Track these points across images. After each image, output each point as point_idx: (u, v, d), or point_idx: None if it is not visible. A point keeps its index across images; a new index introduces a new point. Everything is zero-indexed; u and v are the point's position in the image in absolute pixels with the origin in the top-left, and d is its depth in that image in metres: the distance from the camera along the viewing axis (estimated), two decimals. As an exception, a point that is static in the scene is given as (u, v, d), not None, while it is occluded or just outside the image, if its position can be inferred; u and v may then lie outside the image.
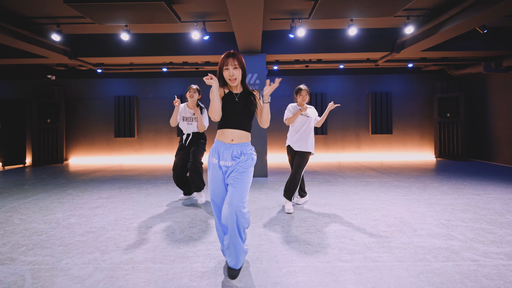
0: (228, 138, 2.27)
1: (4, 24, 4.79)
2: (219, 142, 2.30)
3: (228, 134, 2.27)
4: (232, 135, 2.27)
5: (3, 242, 2.95)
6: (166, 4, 4.07)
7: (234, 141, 2.27)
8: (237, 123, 2.28)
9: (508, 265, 2.35)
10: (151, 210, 4.01)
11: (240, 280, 2.19)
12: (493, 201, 4.21)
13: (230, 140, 2.26)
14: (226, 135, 2.27)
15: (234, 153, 2.25)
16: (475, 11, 4.34)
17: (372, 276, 2.21)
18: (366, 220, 3.47)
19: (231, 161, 2.24)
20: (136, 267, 2.41)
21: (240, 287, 2.10)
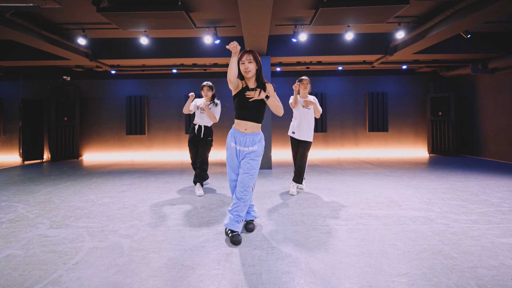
0: (242, 128, 2.73)
1: (38, 29, 5.37)
2: (235, 130, 2.77)
3: (242, 125, 2.73)
4: (246, 125, 2.72)
5: (53, 214, 3.51)
6: (185, 13, 4.66)
7: (247, 130, 2.72)
8: (250, 116, 2.71)
9: (471, 227, 2.92)
10: (171, 193, 4.58)
11: (256, 235, 2.76)
12: (472, 186, 4.78)
13: (244, 129, 2.72)
14: (241, 125, 2.73)
15: (247, 140, 2.71)
16: (456, 19, 4.93)
17: (361, 234, 2.78)
18: (359, 199, 4.04)
19: (244, 147, 2.72)
20: (171, 229, 2.97)
21: (255, 239, 2.66)
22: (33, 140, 8.91)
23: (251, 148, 2.73)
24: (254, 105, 2.71)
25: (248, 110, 2.71)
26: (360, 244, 2.54)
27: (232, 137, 2.78)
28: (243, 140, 2.72)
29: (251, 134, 2.73)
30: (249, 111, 2.72)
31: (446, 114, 9.11)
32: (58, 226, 3.09)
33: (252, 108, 2.71)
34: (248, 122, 2.72)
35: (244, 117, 2.72)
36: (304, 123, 4.40)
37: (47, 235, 2.84)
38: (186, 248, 2.50)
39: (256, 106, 2.73)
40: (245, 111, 2.72)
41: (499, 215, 3.27)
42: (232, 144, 2.77)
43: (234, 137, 2.77)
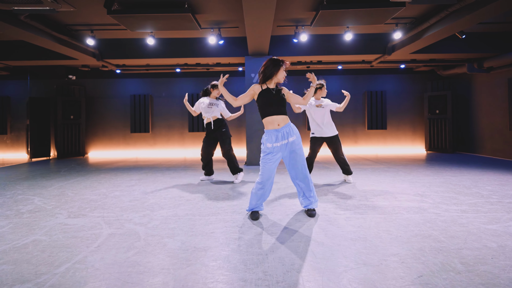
0: (275, 124, 3.01)
1: (49, 30, 5.59)
2: (269, 131, 3.03)
3: (274, 121, 3.01)
4: (277, 120, 3.02)
5: (70, 205, 3.74)
6: (191, 15, 4.88)
7: (281, 124, 3.01)
8: (278, 110, 3.04)
9: (460, 215, 3.14)
10: (179, 186, 4.81)
11: (261, 223, 2.98)
12: (465, 180, 5.01)
13: (277, 125, 3.01)
14: (273, 122, 3.01)
15: (285, 133, 3.00)
16: (450, 20, 5.15)
17: (358, 221, 3.00)
18: (357, 192, 4.27)
19: (285, 140, 3.00)
20: (181, 218, 3.20)
21: (261, 227, 2.89)
22: (40, 138, 9.15)
23: (291, 139, 3.02)
24: (277, 100, 3.06)
25: (275, 106, 3.04)
26: (357, 230, 2.77)
27: (268, 139, 3.02)
28: (281, 135, 3.00)
29: (285, 126, 3.03)
30: (276, 106, 3.05)
31: (443, 112, 9.33)
32: (75, 216, 3.32)
33: (277, 103, 3.06)
34: (278, 116, 3.03)
35: (273, 112, 3.02)
36: (321, 121, 4.76)
37: (67, 223, 3.06)
38: (197, 233, 2.73)
39: (279, 100, 3.08)
40: (272, 107, 3.04)
41: (487, 206, 3.49)
42: (269, 145, 3.00)
43: (272, 136, 3.01)
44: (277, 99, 3.06)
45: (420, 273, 1.97)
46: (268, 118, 3.04)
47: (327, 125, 4.80)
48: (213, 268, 2.08)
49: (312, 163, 4.92)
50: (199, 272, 2.02)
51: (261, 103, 3.10)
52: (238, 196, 4.12)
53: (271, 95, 3.05)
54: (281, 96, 3.11)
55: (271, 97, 3.05)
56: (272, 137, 3.01)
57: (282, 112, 3.07)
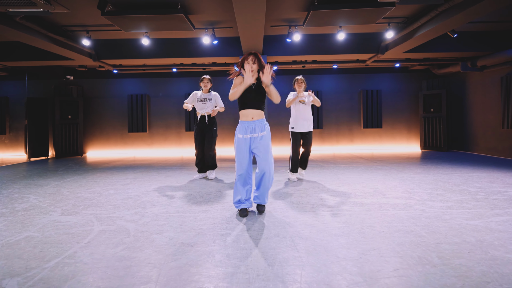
0: (249, 117, 3.09)
1: (45, 31, 5.66)
2: (243, 122, 3.12)
3: (249, 114, 3.10)
4: (252, 114, 3.10)
5: (64, 204, 3.81)
6: (184, 15, 4.94)
7: (254, 118, 3.10)
8: (254, 104, 3.11)
9: (445, 212, 3.21)
10: (172, 185, 4.88)
11: (248, 219, 3.06)
12: (455, 177, 5.08)
13: (251, 118, 3.09)
14: (248, 115, 3.10)
15: (256, 127, 3.08)
16: (440, 20, 5.21)
17: (344, 218, 3.07)
18: (347, 189, 4.34)
19: (255, 133, 3.06)
20: (172, 215, 3.27)
21: (248, 223, 2.97)
22: (39, 137, 9.22)
23: (261, 134, 3.08)
24: (255, 95, 3.13)
25: (251, 100, 3.11)
26: (342, 226, 2.84)
27: (240, 129, 3.12)
28: (252, 127, 3.08)
29: (258, 121, 3.11)
30: (252, 101, 3.12)
31: (438, 110, 9.39)
32: (69, 213, 3.39)
33: (254, 97, 3.13)
34: (253, 110, 3.10)
35: (249, 106, 3.10)
36: (303, 116, 4.89)
37: (60, 220, 3.14)
38: (185, 230, 2.80)
39: (257, 95, 3.14)
40: (249, 101, 3.11)
41: (473, 202, 3.56)
42: (240, 135, 3.10)
43: (244, 127, 3.10)
44: (255, 94, 3.13)
45: (396, 267, 2.04)
46: (244, 111, 3.14)
47: (310, 120, 4.97)
48: (198, 263, 2.16)
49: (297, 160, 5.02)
50: (184, 267, 2.09)
51: (239, 98, 3.17)
52: (230, 194, 4.19)
53: (250, 89, 3.13)
54: (261, 91, 3.17)
55: (249, 92, 3.12)
56: (243, 128, 3.11)
57: (258, 107, 3.14)
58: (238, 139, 3.13)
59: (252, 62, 3.10)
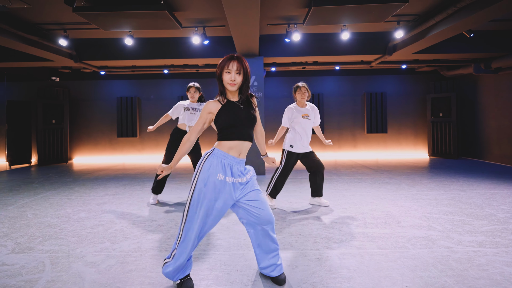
0: (236, 152, 2.05)
1: (14, 30, 5.06)
2: (226, 155, 2.02)
3: (237, 148, 2.05)
4: (241, 148, 2.07)
5: (21, 234, 3.22)
6: (168, 12, 4.34)
7: (241, 156, 2.09)
8: (245, 133, 2.07)
9: (477, 251, 2.62)
10: (154, 205, 4.28)
11: (236, 264, 2.46)
12: (476, 196, 4.48)
13: (238, 154, 2.06)
14: (235, 149, 2.05)
15: (241, 168, 2.09)
16: (459, 18, 4.61)
17: (355, 261, 2.48)
18: (355, 214, 3.74)
19: (243, 177, 2.07)
20: (143, 254, 2.68)
21: (235, 269, 2.37)
22: (20, 143, 8.61)
23: (249, 175, 2.13)
24: (247, 118, 2.09)
25: (241, 127, 2.06)
26: (352, 276, 2.24)
27: (220, 167, 1.99)
28: (238, 169, 2.06)
29: (243, 160, 2.12)
30: (244, 127, 2.07)
31: (447, 115, 8.80)
32: (21, 250, 2.80)
33: (245, 123, 2.08)
34: (244, 142, 2.07)
35: (239, 136, 2.04)
36: (306, 135, 3.96)
37: (5, 262, 2.55)
38: (155, 282, 2.20)
39: (249, 119, 2.11)
40: (240, 128, 2.05)
41: (507, 235, 2.97)
42: (221, 176, 1.98)
43: (226, 166, 2.01)
44: (244, 113, 2.09)
45: None
46: (231, 143, 2.03)
47: (308, 138, 4.01)
48: None
49: (284, 183, 4.03)
50: None
51: (223, 121, 2.04)
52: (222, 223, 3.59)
53: (237, 110, 2.07)
54: (252, 113, 2.13)
55: (236, 111, 2.06)
56: (222, 166, 2.00)
57: (250, 137, 2.13)
58: (213, 182, 1.97)
59: (236, 72, 2.03)
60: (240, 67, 2.04)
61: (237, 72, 2.03)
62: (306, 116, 3.95)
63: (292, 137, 3.96)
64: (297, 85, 3.99)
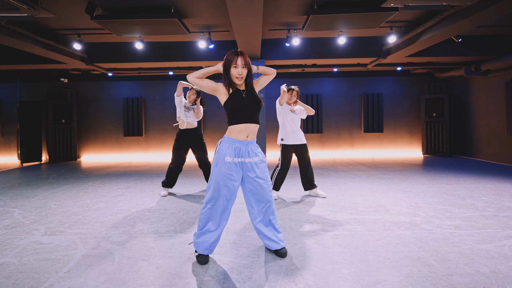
0: (243, 134, 2.33)
1: (33, 35, 5.44)
2: (234, 140, 2.33)
3: (244, 131, 2.33)
4: (248, 131, 2.34)
5: (49, 220, 3.60)
6: (178, 19, 4.73)
7: (249, 137, 2.36)
8: (251, 117, 2.35)
9: (453, 232, 3.01)
10: (166, 197, 4.67)
11: (243, 242, 2.85)
12: (460, 189, 4.87)
13: (246, 136, 2.34)
14: (242, 132, 2.33)
15: (251, 150, 2.37)
16: (446, 25, 5.00)
17: (346, 240, 2.87)
18: (348, 203, 4.13)
19: (249, 158, 2.36)
20: (161, 235, 3.06)
21: (242, 247, 2.76)
22: (31, 142, 9.00)
23: (256, 159, 2.41)
24: (252, 103, 2.39)
25: (248, 111, 2.36)
26: (343, 251, 2.63)
27: (230, 150, 2.32)
28: (246, 150, 2.36)
29: (252, 142, 2.40)
30: (250, 112, 2.37)
31: (440, 115, 9.19)
32: (52, 232, 3.18)
33: (252, 107, 2.38)
34: (250, 124, 2.35)
35: (245, 119, 2.33)
36: (294, 127, 4.34)
37: (42, 242, 2.92)
38: (175, 255, 2.59)
39: (255, 104, 2.40)
40: (245, 112, 2.35)
41: (482, 220, 3.36)
42: (229, 158, 2.30)
43: (234, 149, 2.33)
44: (251, 102, 2.39)
45: (405, 307, 1.83)
46: (239, 126, 2.33)
47: (300, 131, 4.40)
48: (185, 300, 1.95)
49: (284, 177, 4.38)
50: (168, 306, 1.89)
51: (230, 107, 2.36)
52: (225, 209, 3.97)
53: (244, 96, 2.39)
54: (256, 98, 2.43)
55: (242, 100, 2.37)
56: (232, 148, 2.33)
57: (256, 120, 2.41)
58: (225, 163, 2.30)
59: (242, 66, 2.33)
60: (245, 62, 2.36)
61: (243, 66, 2.35)
62: (293, 112, 4.37)
63: (283, 132, 4.35)
64: (291, 88, 4.41)
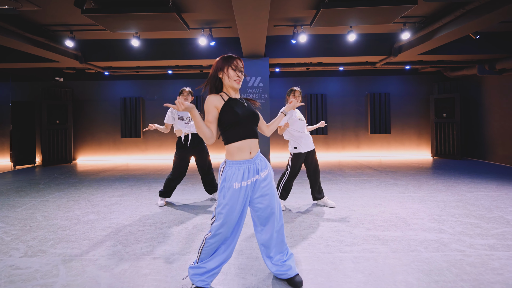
0: (246, 152, 2.01)
1: (21, 31, 5.05)
2: (237, 162, 1.99)
3: (246, 147, 2.01)
4: (250, 147, 2.02)
5: (32, 236, 3.22)
6: (176, 14, 4.34)
7: (253, 153, 2.04)
8: (251, 131, 2.04)
9: (490, 255, 2.63)
10: (163, 207, 4.29)
11: (251, 267, 2.47)
12: (483, 198, 4.49)
13: (249, 153, 2.02)
14: (245, 149, 2.00)
15: (258, 165, 2.06)
16: (467, 20, 4.62)
17: (369, 265, 2.49)
18: (364, 216, 3.75)
19: (257, 175, 2.05)
20: (157, 258, 2.68)
21: (248, 273, 2.38)
22: (24, 144, 8.61)
23: (265, 172, 2.09)
24: (251, 115, 2.06)
25: (248, 123, 2.03)
26: (368, 280, 2.25)
27: (236, 175, 1.97)
28: (254, 168, 2.03)
29: (257, 156, 2.08)
30: (250, 125, 2.04)
31: (451, 115, 8.80)
32: (33, 253, 2.80)
33: (251, 120, 2.05)
34: (252, 140, 2.03)
35: (246, 134, 2.01)
36: (304, 134, 3.97)
37: (19, 266, 2.55)
38: (171, 286, 2.21)
39: (254, 116, 2.08)
40: (246, 126, 2.02)
41: (518, 238, 2.98)
42: (237, 184, 1.96)
43: (240, 171, 1.98)
44: (249, 111, 2.04)
45: None
46: (238, 144, 1.99)
47: (309, 136, 4.03)
48: None
49: (291, 186, 4.03)
50: None
51: (227, 121, 1.97)
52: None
53: (240, 106, 2.02)
54: (253, 108, 2.13)
55: (240, 109, 2.00)
56: (240, 172, 1.97)
57: (255, 134, 2.10)
58: (233, 189, 1.95)
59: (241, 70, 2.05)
60: (243, 66, 2.08)
61: (242, 70, 2.06)
62: (300, 119, 3.98)
63: (294, 139, 3.96)
64: (293, 89, 3.99)
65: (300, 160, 3.97)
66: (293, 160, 3.97)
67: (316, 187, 4.15)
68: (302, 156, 3.97)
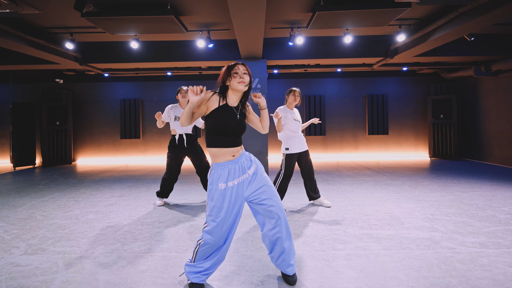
0: (229, 155, 2.10)
1: (22, 34, 5.13)
2: (221, 164, 2.08)
3: (228, 153, 2.10)
4: (232, 152, 2.11)
5: (32, 235, 3.29)
6: (174, 17, 4.42)
7: (236, 156, 2.12)
8: (235, 141, 2.13)
9: (480, 252, 2.69)
10: (161, 207, 4.35)
11: (245, 264, 2.53)
12: (477, 197, 4.55)
13: (232, 156, 2.11)
14: (227, 154, 2.09)
15: (242, 164, 2.12)
16: (460, 22, 4.69)
17: (361, 262, 2.55)
18: (358, 215, 3.81)
19: (245, 174, 2.11)
20: (154, 255, 2.74)
21: (243, 270, 2.44)
22: (24, 145, 8.68)
23: (252, 169, 2.15)
24: (240, 128, 2.14)
25: (232, 136, 2.11)
26: (359, 276, 2.31)
27: (222, 176, 2.06)
28: (239, 167, 2.11)
29: (241, 156, 2.15)
30: (234, 136, 2.12)
31: (448, 116, 8.87)
32: (33, 251, 2.86)
33: (238, 132, 2.13)
34: (234, 148, 2.11)
35: (230, 144, 2.09)
36: (297, 135, 4.04)
37: (19, 263, 2.61)
38: (167, 281, 2.27)
39: (242, 129, 2.16)
40: (231, 137, 2.10)
41: (509, 236, 3.04)
42: (223, 185, 2.05)
43: (227, 173, 2.07)
44: (238, 124, 2.13)
45: None
46: (220, 150, 2.08)
47: (302, 137, 4.11)
48: None
49: (287, 187, 4.08)
50: None
51: (212, 125, 2.09)
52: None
53: (231, 116, 2.11)
54: (243, 120, 2.20)
55: (230, 120, 2.10)
56: (225, 172, 2.07)
57: (239, 143, 2.17)
58: (220, 190, 2.04)
59: (243, 72, 2.12)
60: (246, 69, 2.15)
61: (245, 72, 2.12)
62: (296, 119, 4.06)
63: (287, 139, 4.02)
64: (292, 89, 4.09)
65: (293, 160, 4.03)
66: (286, 161, 4.03)
67: (312, 187, 4.21)
68: (294, 156, 4.03)
